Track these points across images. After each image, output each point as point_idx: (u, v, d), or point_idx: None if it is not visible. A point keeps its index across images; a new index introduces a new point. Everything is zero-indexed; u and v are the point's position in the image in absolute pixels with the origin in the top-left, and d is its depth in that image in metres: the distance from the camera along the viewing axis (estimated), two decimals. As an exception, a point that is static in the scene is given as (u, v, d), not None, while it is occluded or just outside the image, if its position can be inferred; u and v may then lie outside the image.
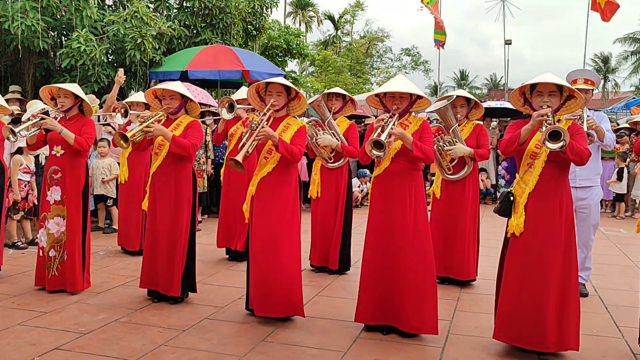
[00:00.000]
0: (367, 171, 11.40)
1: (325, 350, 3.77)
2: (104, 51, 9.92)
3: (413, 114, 4.21)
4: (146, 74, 10.74)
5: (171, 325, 4.18)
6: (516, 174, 3.83)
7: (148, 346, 3.76)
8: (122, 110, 5.92)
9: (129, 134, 4.37)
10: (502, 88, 41.17)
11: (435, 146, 5.03)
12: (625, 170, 10.50)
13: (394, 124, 3.87)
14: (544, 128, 3.41)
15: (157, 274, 4.61)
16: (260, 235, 4.16)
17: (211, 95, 11.16)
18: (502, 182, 12.33)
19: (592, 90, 4.99)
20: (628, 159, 10.69)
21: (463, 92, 5.38)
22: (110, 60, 10.56)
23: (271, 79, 4.35)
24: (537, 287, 3.57)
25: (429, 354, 3.73)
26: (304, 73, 35.35)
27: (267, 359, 3.60)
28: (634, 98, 25.69)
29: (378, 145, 3.74)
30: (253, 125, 4.05)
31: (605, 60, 42.97)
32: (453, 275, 5.32)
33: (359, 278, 4.14)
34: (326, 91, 5.67)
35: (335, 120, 5.63)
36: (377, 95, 4.19)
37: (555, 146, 3.35)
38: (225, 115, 5.62)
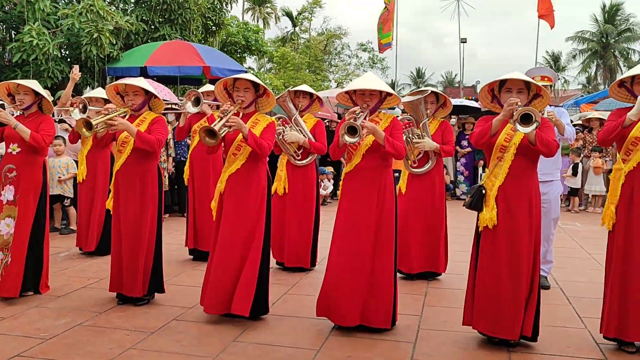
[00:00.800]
0: (326, 169, 11.42)
1: (298, 348, 3.74)
2: (58, 46, 9.58)
3: (383, 111, 4.22)
4: (103, 70, 10.44)
5: (138, 328, 4.07)
6: (485, 169, 3.89)
7: (116, 350, 3.65)
8: (81, 106, 5.71)
9: (93, 121, 4.21)
10: (457, 85, 41.93)
11: (404, 137, 5.08)
12: (580, 165, 10.85)
13: (365, 118, 3.88)
14: (515, 114, 3.46)
15: (123, 276, 4.47)
16: (228, 232, 4.09)
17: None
18: (461, 178, 12.56)
19: (550, 86, 5.12)
20: (582, 155, 11.06)
21: (436, 90, 5.46)
22: (64, 55, 10.21)
23: (239, 75, 4.28)
24: (510, 278, 3.64)
25: (401, 349, 3.75)
26: (262, 70, 35.11)
27: (240, 359, 3.54)
28: (582, 96, 26.61)
29: (352, 130, 3.74)
30: (225, 111, 3.99)
31: (556, 58, 44.28)
32: (422, 269, 5.37)
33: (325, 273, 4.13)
34: (293, 89, 5.62)
35: (302, 117, 5.59)
36: (347, 92, 4.18)
37: (528, 129, 3.40)
38: (191, 108, 5.50)
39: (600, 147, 11.01)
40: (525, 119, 3.44)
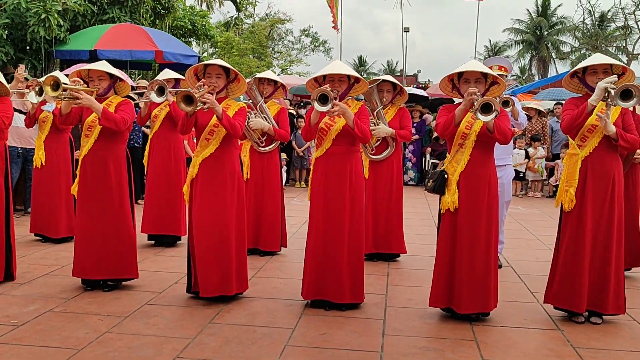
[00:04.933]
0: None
1: (274, 328, 3.86)
2: (2, 26, 9.15)
3: (351, 98, 4.37)
4: (49, 53, 10.04)
5: (111, 313, 4.07)
6: (447, 154, 4.11)
7: (92, 334, 3.65)
8: (37, 88, 5.56)
9: (62, 83, 4.11)
10: (399, 74, 42.65)
11: None
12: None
13: (336, 99, 4.01)
14: (475, 104, 3.69)
15: (103, 261, 4.43)
16: (206, 216, 4.16)
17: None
18: (409, 164, 12.90)
19: (506, 76, 5.42)
20: (523, 143, 11.60)
21: (390, 78, 5.64)
22: (8, 36, 9.74)
23: (210, 60, 4.32)
24: (469, 258, 3.89)
25: (372, 326, 3.94)
26: (204, 54, 34.51)
27: (219, 340, 3.63)
28: (517, 86, 27.71)
29: (323, 99, 3.87)
30: (200, 87, 4.05)
31: (499, 50, 45.44)
32: (382, 250, 5.59)
33: (304, 256, 4.27)
34: (258, 76, 5.67)
35: (265, 104, 5.66)
36: (316, 80, 4.29)
37: (488, 118, 3.64)
38: (155, 98, 5.45)
39: (539, 136, 11.62)
40: (486, 109, 3.67)
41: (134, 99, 6.09)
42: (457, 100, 4.20)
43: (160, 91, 5.39)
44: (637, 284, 5.19)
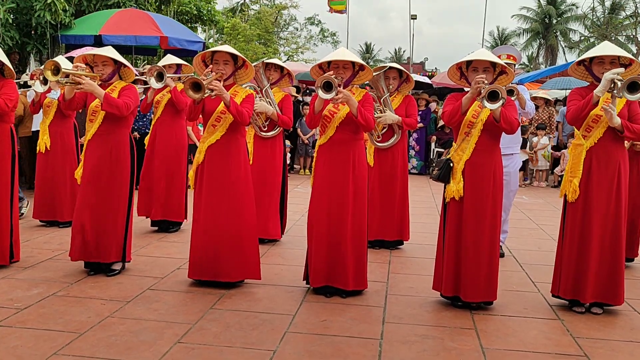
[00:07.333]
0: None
1: (274, 314, 3.88)
2: (8, 10, 9.13)
3: (355, 85, 4.35)
4: (54, 37, 10.02)
5: (113, 297, 4.10)
6: (453, 143, 4.10)
7: (94, 318, 3.69)
8: (41, 77, 5.57)
9: (62, 68, 4.12)
10: (406, 62, 42.38)
11: None
12: (527, 141, 11.35)
13: (340, 86, 4.00)
14: (482, 92, 3.67)
15: (95, 244, 4.47)
16: (213, 202, 4.19)
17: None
18: (412, 152, 12.87)
19: (514, 65, 5.39)
20: (528, 132, 11.55)
21: (396, 65, 5.61)
22: (14, 20, 9.73)
23: (218, 47, 4.30)
24: (474, 246, 3.89)
25: (373, 313, 3.96)
26: (210, 40, 34.37)
27: (220, 325, 3.65)
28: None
29: (327, 86, 3.86)
30: (208, 74, 4.06)
31: (507, 38, 44.99)
32: (386, 237, 5.59)
33: (307, 243, 4.28)
34: (265, 60, 5.64)
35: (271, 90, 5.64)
36: (320, 66, 4.27)
37: (495, 105, 3.63)
38: (154, 84, 5.45)
39: (545, 125, 11.55)
40: (493, 96, 3.66)
41: (145, 81, 6.07)
42: (465, 89, 4.18)
43: (160, 77, 5.38)
44: (637, 274, 5.18)
